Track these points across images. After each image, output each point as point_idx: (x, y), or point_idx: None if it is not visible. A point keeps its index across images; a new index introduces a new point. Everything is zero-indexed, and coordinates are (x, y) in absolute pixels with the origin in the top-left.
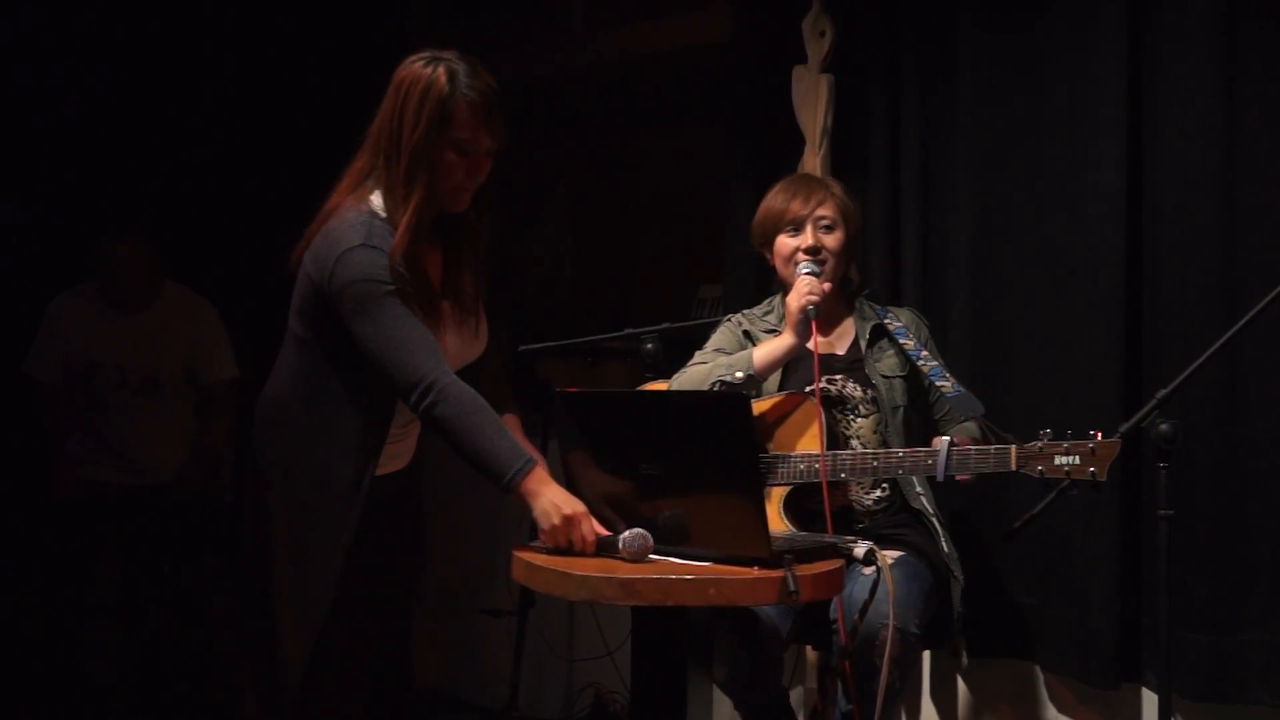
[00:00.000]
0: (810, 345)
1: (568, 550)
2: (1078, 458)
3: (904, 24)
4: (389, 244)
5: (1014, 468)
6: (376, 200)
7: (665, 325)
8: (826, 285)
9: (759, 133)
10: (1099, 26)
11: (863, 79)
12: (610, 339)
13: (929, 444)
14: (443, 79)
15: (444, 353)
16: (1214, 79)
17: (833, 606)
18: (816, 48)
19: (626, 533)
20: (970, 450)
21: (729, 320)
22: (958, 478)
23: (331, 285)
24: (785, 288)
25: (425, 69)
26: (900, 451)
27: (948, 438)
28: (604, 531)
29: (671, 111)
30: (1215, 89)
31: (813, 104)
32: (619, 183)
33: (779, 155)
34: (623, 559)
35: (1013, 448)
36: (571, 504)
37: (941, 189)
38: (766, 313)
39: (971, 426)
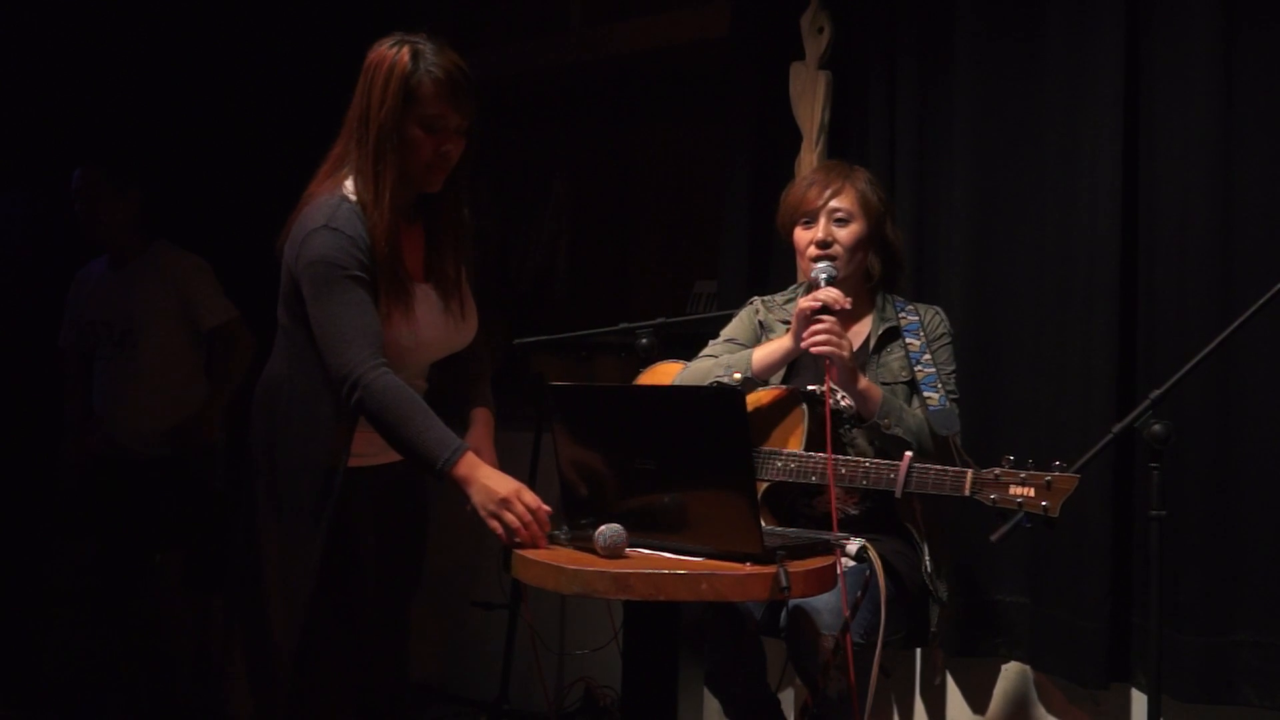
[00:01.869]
0: (822, 385)
1: (527, 544)
2: (1032, 489)
3: (902, 21)
4: (355, 227)
5: (967, 493)
6: (350, 184)
7: (660, 320)
8: (847, 301)
9: (756, 129)
10: (1097, 26)
11: (860, 76)
12: (605, 333)
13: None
14: (406, 57)
15: (425, 338)
16: (1211, 80)
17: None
18: (814, 44)
19: (602, 528)
20: (930, 470)
21: (750, 304)
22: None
23: (297, 267)
24: (805, 278)
25: (391, 50)
26: (868, 462)
27: (911, 454)
28: (544, 506)
29: (669, 107)
30: (1212, 90)
31: (810, 100)
32: (616, 177)
33: (776, 151)
34: (598, 554)
35: (969, 472)
36: (505, 483)
37: (938, 187)
38: (787, 300)
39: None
